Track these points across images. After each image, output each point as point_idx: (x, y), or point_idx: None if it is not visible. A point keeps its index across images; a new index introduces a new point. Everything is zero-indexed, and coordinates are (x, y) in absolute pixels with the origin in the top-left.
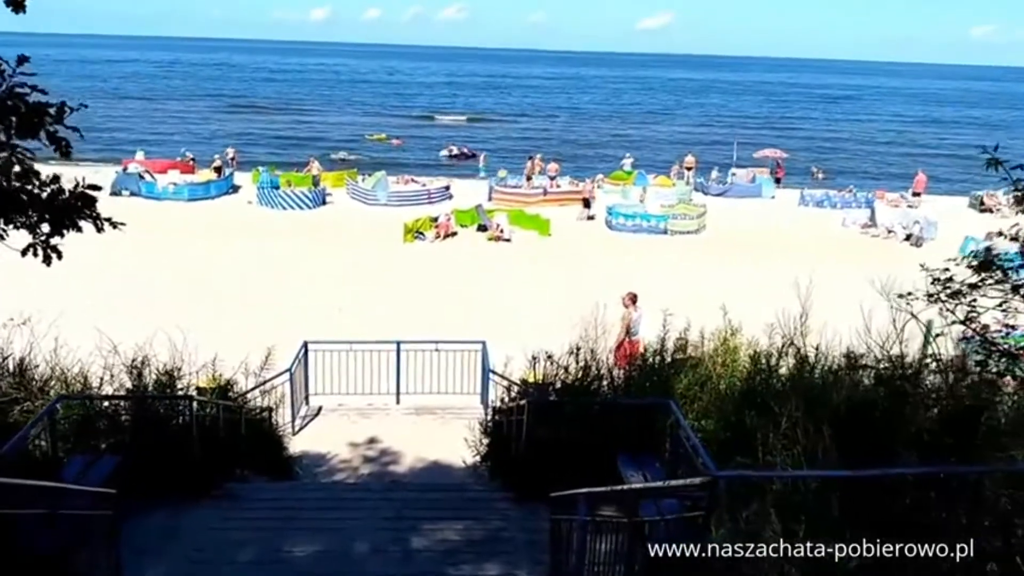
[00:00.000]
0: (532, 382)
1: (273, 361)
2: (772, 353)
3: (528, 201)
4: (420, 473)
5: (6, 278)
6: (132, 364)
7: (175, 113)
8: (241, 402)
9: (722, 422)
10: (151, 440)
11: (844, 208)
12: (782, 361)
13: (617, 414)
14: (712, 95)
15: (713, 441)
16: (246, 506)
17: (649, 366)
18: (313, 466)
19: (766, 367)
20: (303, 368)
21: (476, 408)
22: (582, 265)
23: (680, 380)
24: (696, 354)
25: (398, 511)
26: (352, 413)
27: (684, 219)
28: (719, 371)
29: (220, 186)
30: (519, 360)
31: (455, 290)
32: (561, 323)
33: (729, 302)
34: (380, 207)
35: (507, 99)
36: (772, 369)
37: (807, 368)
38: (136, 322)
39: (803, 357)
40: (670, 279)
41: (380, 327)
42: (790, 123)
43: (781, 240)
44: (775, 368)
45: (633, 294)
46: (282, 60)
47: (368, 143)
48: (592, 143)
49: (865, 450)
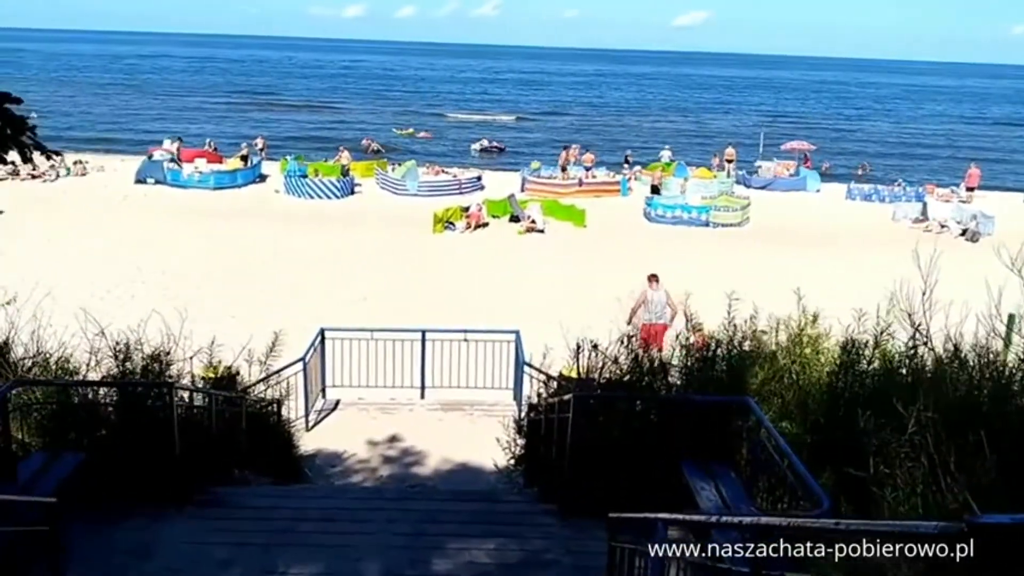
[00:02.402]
0: (575, 376)
1: (284, 348)
2: (872, 343)
3: (563, 192)
4: (446, 476)
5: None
6: (116, 348)
7: (204, 108)
8: (241, 393)
9: (805, 424)
10: (120, 434)
11: (893, 202)
12: (882, 354)
13: (680, 413)
14: (748, 92)
15: (799, 447)
16: (236, 515)
17: (708, 356)
18: (326, 466)
19: (872, 360)
20: (319, 357)
21: (508, 404)
22: (621, 257)
23: (754, 374)
24: (768, 344)
25: (417, 525)
26: (372, 408)
27: (727, 211)
28: (798, 364)
29: (247, 175)
30: (557, 352)
31: (485, 281)
32: (599, 317)
33: (786, 295)
34: (410, 197)
35: (541, 95)
36: (892, 363)
37: (939, 361)
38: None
39: (931, 351)
40: (717, 271)
41: (405, 316)
42: (830, 120)
43: (830, 234)
44: (896, 362)
45: (653, 274)
46: (317, 57)
47: (396, 137)
48: (626, 136)
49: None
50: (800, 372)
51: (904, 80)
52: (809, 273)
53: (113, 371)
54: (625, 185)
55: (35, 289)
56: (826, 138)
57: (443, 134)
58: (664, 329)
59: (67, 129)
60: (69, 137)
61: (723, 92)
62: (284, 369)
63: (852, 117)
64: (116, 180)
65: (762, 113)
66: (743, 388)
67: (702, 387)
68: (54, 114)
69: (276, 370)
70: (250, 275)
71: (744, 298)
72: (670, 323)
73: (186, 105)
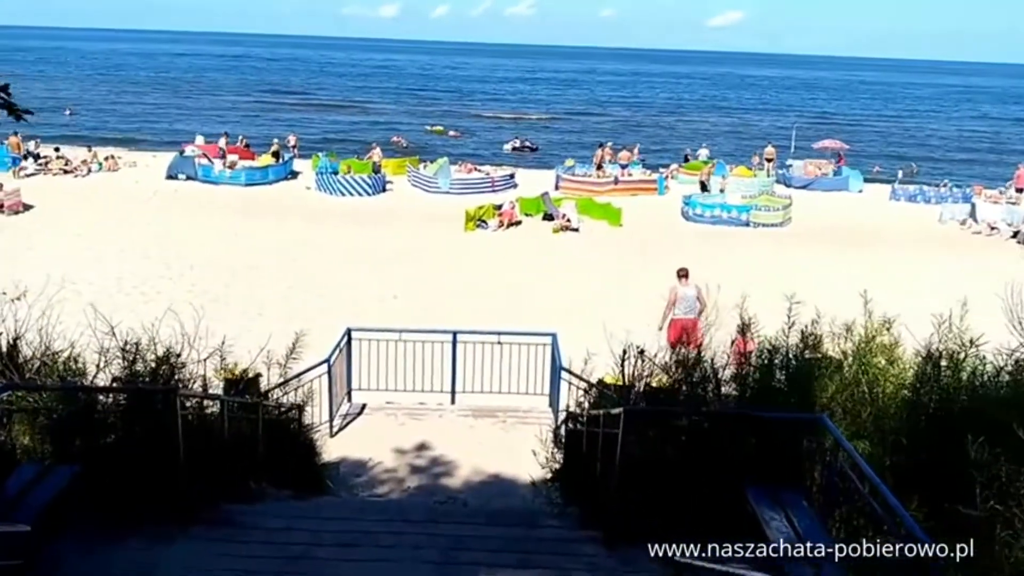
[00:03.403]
0: (618, 384)
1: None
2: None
3: (598, 190)
4: (477, 489)
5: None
6: (125, 348)
7: (237, 107)
8: (259, 398)
9: (884, 445)
10: (119, 444)
11: (939, 203)
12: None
13: (743, 431)
14: (789, 92)
15: (879, 472)
16: (246, 538)
17: (764, 365)
18: (351, 475)
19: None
20: (345, 359)
21: (544, 412)
22: (658, 257)
23: (823, 386)
24: (836, 353)
25: (446, 552)
26: (400, 413)
27: (768, 211)
28: (870, 376)
29: (278, 171)
30: (598, 359)
31: (518, 280)
32: (637, 318)
33: (840, 299)
34: (442, 195)
35: (575, 94)
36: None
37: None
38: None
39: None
40: (763, 273)
41: (436, 315)
42: (871, 120)
43: (876, 235)
44: (993, 376)
45: (684, 269)
46: (351, 56)
47: (427, 135)
48: (661, 135)
49: None
50: (873, 384)
51: (949, 80)
52: (861, 275)
53: (122, 372)
54: (662, 183)
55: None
56: (874, 139)
57: (476, 133)
58: (696, 323)
59: (101, 125)
60: (103, 133)
61: (761, 92)
62: (307, 372)
63: (894, 117)
64: (147, 176)
65: (799, 113)
66: (809, 402)
67: (760, 400)
68: (89, 110)
69: (297, 373)
70: (279, 272)
71: (799, 301)
72: (699, 318)
73: (219, 104)
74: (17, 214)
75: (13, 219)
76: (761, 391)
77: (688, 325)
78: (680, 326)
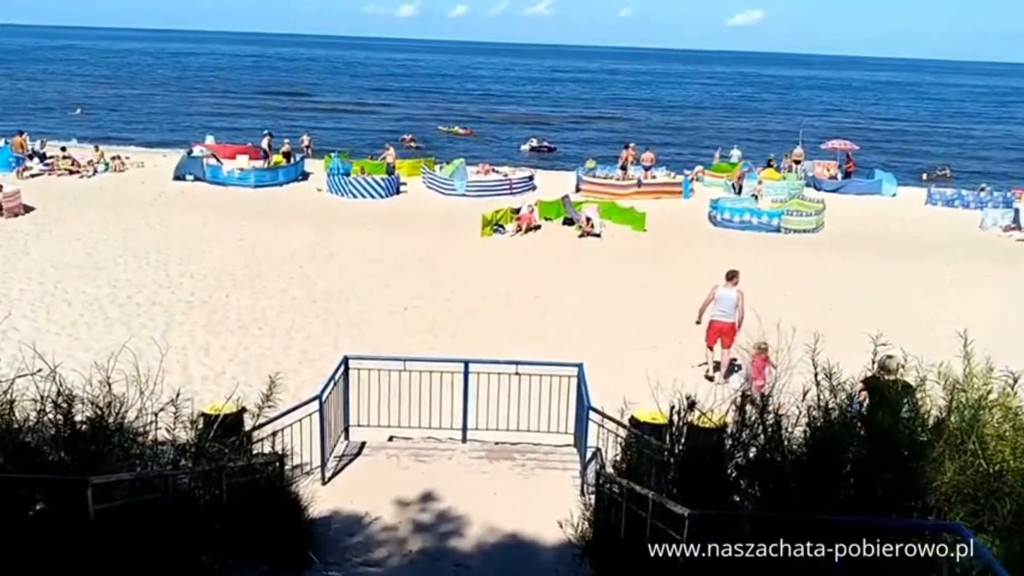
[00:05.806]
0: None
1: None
2: None
3: (621, 193)
4: (491, 552)
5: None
6: (58, 398)
7: (250, 106)
8: (217, 465)
9: None
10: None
11: (979, 208)
12: None
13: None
14: (814, 92)
15: None
16: None
17: (832, 423)
18: (344, 534)
19: None
20: (342, 391)
21: (569, 453)
22: (686, 265)
23: (943, 469)
24: (940, 413)
25: None
26: (403, 454)
27: (800, 216)
28: (992, 449)
29: (289, 172)
30: (621, 387)
31: (536, 293)
32: (666, 338)
33: (896, 320)
34: (457, 197)
35: (593, 94)
36: None
37: None
38: (167, 314)
39: None
40: (801, 285)
41: (447, 331)
42: (901, 122)
43: (916, 242)
44: None
45: (733, 271)
46: (370, 55)
47: (439, 135)
48: (685, 136)
49: None
50: (999, 460)
51: (975, 81)
52: (910, 290)
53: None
54: (688, 187)
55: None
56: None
57: (492, 133)
58: (732, 328)
59: (110, 125)
60: (112, 132)
61: (782, 91)
62: (295, 409)
63: (917, 119)
64: (154, 176)
65: (819, 113)
66: (916, 486)
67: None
68: (101, 109)
69: (281, 413)
70: (283, 281)
71: (828, 322)
72: (738, 326)
73: (234, 103)
74: (17, 216)
75: (12, 222)
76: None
77: (724, 329)
78: (716, 328)
